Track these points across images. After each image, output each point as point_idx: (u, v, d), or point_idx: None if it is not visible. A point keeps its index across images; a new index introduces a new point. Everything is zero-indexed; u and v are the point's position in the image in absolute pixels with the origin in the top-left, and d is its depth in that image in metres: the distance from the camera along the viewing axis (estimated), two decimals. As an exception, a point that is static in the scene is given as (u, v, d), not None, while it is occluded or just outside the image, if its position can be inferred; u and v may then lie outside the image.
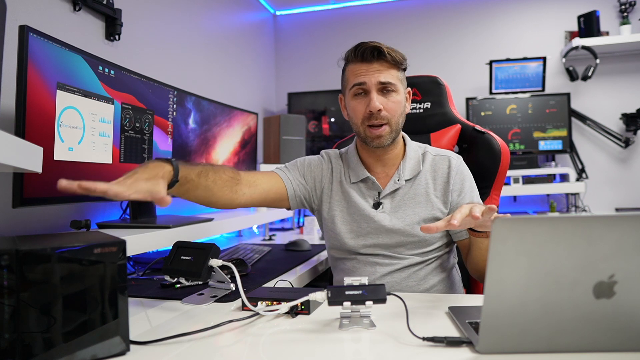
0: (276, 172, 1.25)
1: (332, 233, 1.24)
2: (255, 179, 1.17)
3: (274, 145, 2.44)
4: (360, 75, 1.13)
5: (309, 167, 1.27)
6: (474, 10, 3.28)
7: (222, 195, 1.08)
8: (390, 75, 1.13)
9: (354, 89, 1.15)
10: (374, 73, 1.12)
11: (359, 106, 1.15)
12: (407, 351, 0.69)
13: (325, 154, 1.31)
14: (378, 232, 1.18)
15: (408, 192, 1.19)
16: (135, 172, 0.86)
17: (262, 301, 0.90)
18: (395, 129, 1.15)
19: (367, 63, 1.13)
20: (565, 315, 0.63)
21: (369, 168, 1.23)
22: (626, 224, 0.60)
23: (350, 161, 1.25)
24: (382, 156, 1.20)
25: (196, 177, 1.02)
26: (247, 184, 1.14)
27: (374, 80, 1.12)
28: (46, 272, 0.62)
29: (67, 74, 1.14)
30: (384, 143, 1.14)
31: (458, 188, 1.19)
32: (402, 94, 1.17)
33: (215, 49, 2.60)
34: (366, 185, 1.22)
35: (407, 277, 1.17)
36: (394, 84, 1.13)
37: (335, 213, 1.22)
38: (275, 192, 1.20)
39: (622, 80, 3.03)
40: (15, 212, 1.07)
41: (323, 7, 3.52)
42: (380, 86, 1.12)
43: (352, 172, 1.23)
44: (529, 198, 3.14)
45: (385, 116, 1.13)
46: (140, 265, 1.42)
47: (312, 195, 1.26)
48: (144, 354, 0.70)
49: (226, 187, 1.09)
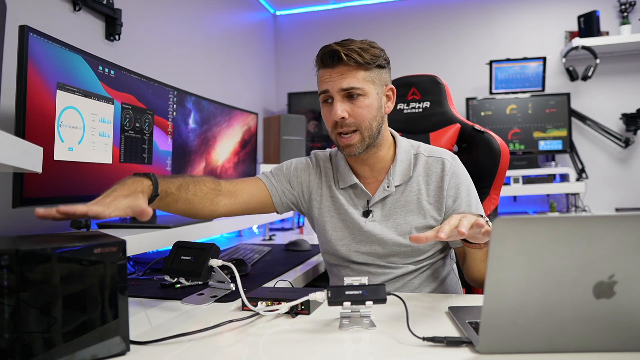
0: (260, 178, 1.22)
1: (324, 239, 1.22)
2: (236, 189, 1.14)
3: (274, 145, 2.44)
4: (324, 82, 1.08)
5: (295, 171, 1.23)
6: (474, 10, 3.28)
7: (202, 208, 1.07)
8: (354, 80, 1.04)
9: (321, 96, 1.10)
10: (336, 79, 1.05)
11: (327, 114, 1.10)
12: (407, 351, 0.69)
13: (314, 156, 1.26)
14: (369, 242, 1.15)
15: (399, 199, 1.14)
16: (113, 190, 0.85)
17: (262, 301, 0.90)
18: (368, 134, 1.08)
19: (330, 68, 1.06)
20: (565, 315, 0.63)
21: (357, 173, 1.18)
22: (626, 224, 0.60)
23: (339, 165, 1.20)
24: (367, 161, 1.15)
25: (176, 191, 1.00)
26: (227, 194, 1.11)
27: (336, 87, 1.05)
28: (46, 272, 0.62)
29: (67, 74, 1.14)
30: (355, 152, 1.09)
31: (453, 194, 1.13)
32: (373, 96, 1.07)
33: (215, 49, 2.60)
34: (355, 192, 1.18)
35: (401, 286, 1.15)
36: (360, 88, 1.05)
37: (325, 219, 1.19)
38: (257, 200, 1.18)
39: (622, 80, 3.03)
40: (15, 212, 1.07)
41: (323, 7, 3.52)
42: (344, 92, 1.05)
43: (341, 177, 1.19)
44: (529, 198, 3.14)
45: (352, 123, 1.06)
46: (140, 265, 1.42)
47: (300, 199, 1.23)
48: (144, 354, 0.70)
49: (207, 199, 1.07)
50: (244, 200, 1.15)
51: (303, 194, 1.23)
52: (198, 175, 1.10)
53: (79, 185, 1.18)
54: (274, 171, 1.25)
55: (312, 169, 1.24)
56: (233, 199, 1.13)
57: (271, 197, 1.20)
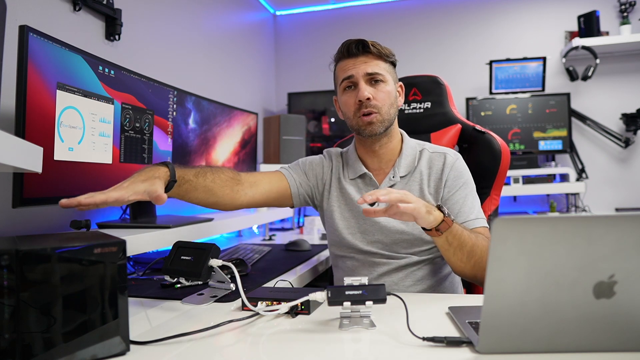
0: (280, 171, 1.28)
1: (331, 229, 1.25)
2: (257, 180, 1.19)
3: (274, 145, 2.44)
4: (348, 70, 1.16)
5: (310, 165, 1.30)
6: (474, 10, 3.28)
7: (223, 195, 1.10)
8: (377, 67, 1.15)
9: (344, 83, 1.17)
10: (360, 65, 1.14)
11: (350, 99, 1.17)
12: (407, 351, 0.69)
13: (327, 152, 1.33)
14: (374, 229, 1.19)
15: (403, 189, 1.17)
16: (131, 177, 0.90)
17: (262, 301, 0.90)
18: (387, 118, 1.16)
19: (354, 57, 1.15)
20: (565, 315, 0.63)
21: (367, 165, 1.24)
22: (626, 224, 0.60)
23: (349, 159, 1.27)
24: (379, 151, 1.21)
25: (194, 178, 1.04)
26: (248, 184, 1.16)
27: (361, 71, 1.14)
28: (46, 272, 0.62)
29: (67, 74, 1.14)
30: (376, 131, 1.15)
31: (450, 184, 1.18)
32: (392, 86, 1.18)
33: (215, 49, 2.60)
34: (363, 182, 1.24)
35: (405, 277, 1.17)
36: (382, 74, 1.15)
37: (333, 209, 1.24)
38: (277, 191, 1.22)
39: (622, 80, 3.03)
40: (15, 212, 1.07)
41: (323, 7, 3.52)
42: (368, 77, 1.14)
43: (351, 169, 1.25)
44: (529, 198, 3.14)
45: (375, 105, 1.14)
46: (140, 265, 1.42)
47: (315, 192, 1.29)
48: (144, 354, 0.70)
49: (226, 186, 1.10)
50: (265, 191, 1.19)
51: (317, 185, 1.29)
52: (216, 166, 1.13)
53: (79, 185, 1.18)
54: (292, 166, 1.31)
55: (326, 162, 1.31)
56: (254, 189, 1.17)
57: (290, 188, 1.25)
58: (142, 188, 0.86)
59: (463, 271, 1.06)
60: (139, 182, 0.88)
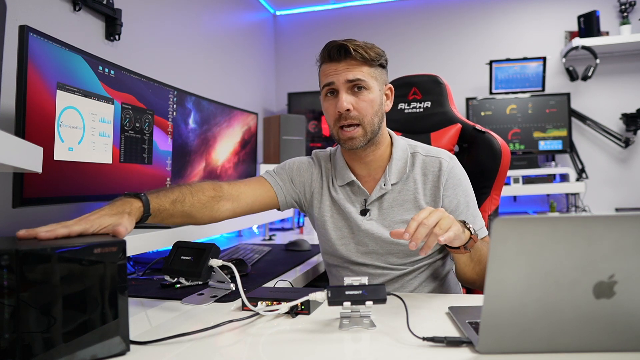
0: (265, 177, 1.22)
1: (324, 238, 1.22)
2: (239, 193, 1.13)
3: (274, 145, 2.44)
4: (329, 75, 1.09)
5: (298, 170, 1.24)
6: (474, 10, 3.28)
7: (202, 217, 1.06)
8: (360, 73, 1.06)
9: (325, 89, 1.11)
10: (342, 71, 1.07)
11: (330, 107, 1.10)
12: (407, 351, 0.69)
13: (315, 156, 1.27)
14: (368, 241, 1.15)
15: (396, 198, 1.15)
16: (102, 209, 0.86)
17: (262, 301, 0.90)
18: (370, 129, 1.09)
19: (336, 62, 1.08)
20: (565, 315, 0.63)
21: (355, 171, 1.18)
22: (626, 224, 0.60)
23: (337, 163, 1.21)
24: (365, 158, 1.15)
25: (171, 206, 0.99)
26: (229, 198, 1.10)
27: (342, 78, 1.06)
28: (46, 272, 0.62)
29: (67, 74, 1.14)
30: (356, 145, 1.09)
31: (450, 193, 1.13)
32: (376, 92, 1.09)
33: (215, 49, 2.60)
34: (352, 190, 1.18)
35: (400, 287, 1.15)
36: (365, 81, 1.07)
37: (326, 218, 1.20)
38: (261, 201, 1.18)
39: (622, 80, 3.03)
40: (15, 212, 1.07)
41: (323, 7, 3.52)
42: (349, 84, 1.07)
43: (339, 174, 1.19)
44: (529, 198, 3.14)
45: (355, 116, 1.07)
46: (140, 265, 1.42)
47: (302, 198, 1.24)
48: (144, 354, 0.70)
49: (206, 208, 1.06)
50: (248, 203, 1.15)
51: (305, 193, 1.23)
52: (197, 183, 1.08)
53: (79, 185, 1.18)
54: (277, 170, 1.25)
55: (314, 168, 1.24)
56: (236, 203, 1.12)
57: (276, 195, 1.20)
58: (108, 222, 0.81)
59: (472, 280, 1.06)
60: (107, 217, 0.83)
